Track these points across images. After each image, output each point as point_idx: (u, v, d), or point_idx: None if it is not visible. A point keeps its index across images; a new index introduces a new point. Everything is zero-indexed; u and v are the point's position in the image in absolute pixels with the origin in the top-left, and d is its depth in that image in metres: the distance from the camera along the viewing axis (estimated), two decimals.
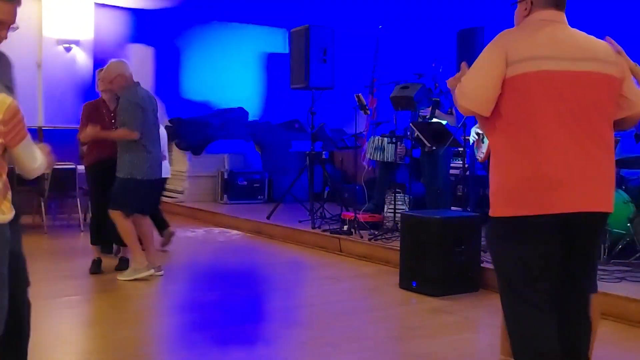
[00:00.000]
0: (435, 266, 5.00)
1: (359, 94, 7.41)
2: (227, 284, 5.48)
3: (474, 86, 2.53)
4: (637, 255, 5.23)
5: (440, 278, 4.99)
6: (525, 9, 2.62)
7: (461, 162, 6.71)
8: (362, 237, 6.56)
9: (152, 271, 5.29)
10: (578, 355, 2.60)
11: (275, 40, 10.67)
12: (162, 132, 6.16)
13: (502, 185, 2.53)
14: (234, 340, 3.98)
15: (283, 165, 9.50)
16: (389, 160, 7.15)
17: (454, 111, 6.56)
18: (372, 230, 6.71)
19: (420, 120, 6.66)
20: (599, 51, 2.58)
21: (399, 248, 5.35)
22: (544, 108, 2.45)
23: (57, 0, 8.94)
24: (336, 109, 8.82)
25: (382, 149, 7.33)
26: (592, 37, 2.63)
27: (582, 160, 2.45)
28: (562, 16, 2.63)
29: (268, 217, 7.82)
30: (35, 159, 2.50)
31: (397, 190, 6.92)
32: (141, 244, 5.33)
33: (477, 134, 5.91)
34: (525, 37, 2.52)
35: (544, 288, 2.50)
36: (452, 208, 6.83)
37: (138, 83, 5.36)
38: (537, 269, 2.48)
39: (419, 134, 6.41)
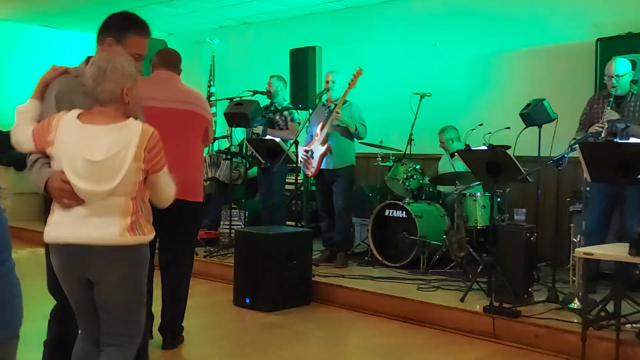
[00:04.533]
0: (268, 282, 5.11)
1: None
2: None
3: None
4: (452, 264, 5.69)
5: (273, 293, 5.11)
6: (152, 69, 4.10)
7: (294, 179, 6.91)
8: (197, 254, 6.49)
9: None
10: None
11: None
12: None
13: None
14: None
15: None
16: (223, 180, 7.20)
17: (294, 124, 6.75)
18: (207, 247, 6.70)
19: (254, 137, 6.77)
20: (192, 97, 4.04)
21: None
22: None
23: None
24: None
25: (217, 165, 7.35)
26: (191, 88, 4.15)
27: (179, 166, 3.53)
28: (172, 74, 4.08)
29: None
30: (171, 187, 2.67)
31: (233, 206, 6.97)
32: None
33: (306, 151, 6.14)
34: (146, 85, 3.57)
35: None
36: (287, 223, 7.00)
37: None
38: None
39: (254, 151, 6.52)
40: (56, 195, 2.45)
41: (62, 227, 2.47)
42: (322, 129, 6.03)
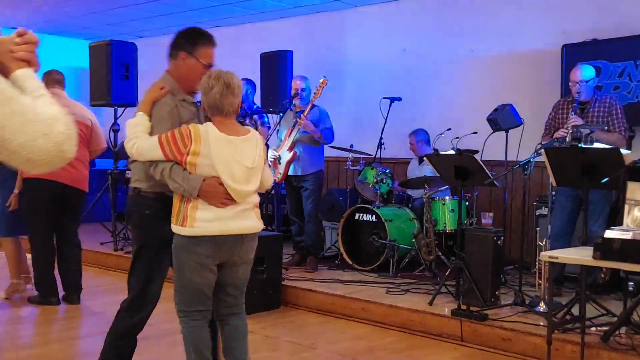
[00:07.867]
0: None
1: None
2: (23, 313, 5.13)
3: None
4: (421, 268, 5.73)
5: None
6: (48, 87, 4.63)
7: None
8: None
9: None
10: None
11: (76, 54, 10.18)
12: None
13: None
14: None
15: None
16: None
17: (264, 128, 6.73)
18: None
19: None
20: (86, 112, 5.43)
21: None
22: None
23: None
24: None
25: None
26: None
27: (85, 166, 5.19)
28: (59, 90, 5.30)
29: None
30: (270, 174, 3.28)
31: None
32: None
33: (274, 156, 6.14)
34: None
35: None
36: None
37: None
38: None
39: None
40: (212, 197, 2.89)
41: (219, 222, 2.93)
42: (289, 135, 6.06)
